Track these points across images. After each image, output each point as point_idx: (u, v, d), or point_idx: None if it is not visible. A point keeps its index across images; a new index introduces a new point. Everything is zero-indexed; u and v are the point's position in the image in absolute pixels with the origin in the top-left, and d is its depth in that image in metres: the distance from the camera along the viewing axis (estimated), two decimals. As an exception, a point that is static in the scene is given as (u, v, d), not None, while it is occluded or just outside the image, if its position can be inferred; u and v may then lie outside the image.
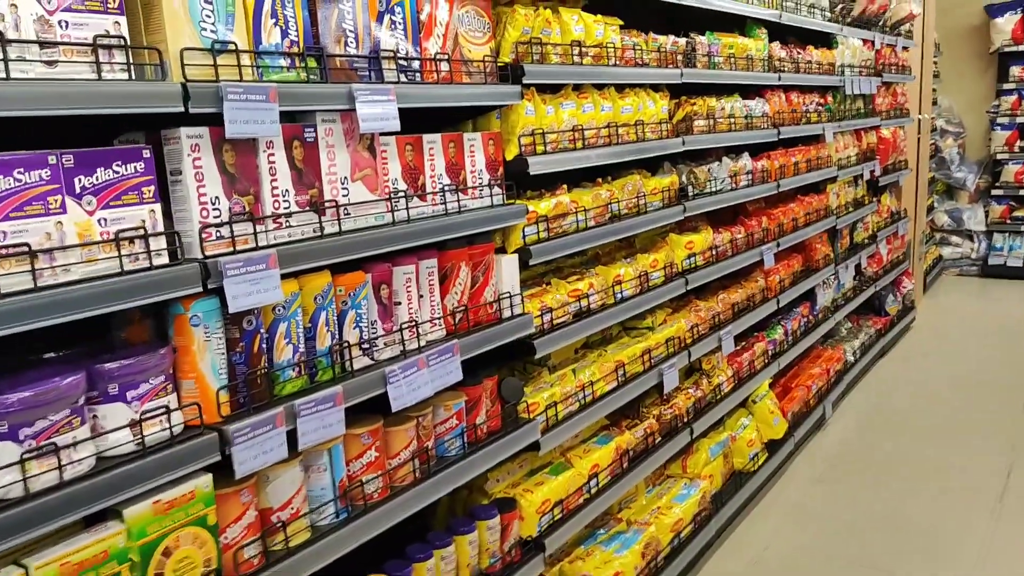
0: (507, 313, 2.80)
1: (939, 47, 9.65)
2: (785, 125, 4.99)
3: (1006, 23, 9.46)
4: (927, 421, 5.53)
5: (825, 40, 5.77)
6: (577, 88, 3.26)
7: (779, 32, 5.09)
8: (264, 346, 2.02)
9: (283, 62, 2.04)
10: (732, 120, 4.37)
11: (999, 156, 9.70)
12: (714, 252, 4.20)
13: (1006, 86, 9.60)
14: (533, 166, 2.85)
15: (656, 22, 3.91)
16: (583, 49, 3.15)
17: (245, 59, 1.95)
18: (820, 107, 5.59)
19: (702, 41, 4.07)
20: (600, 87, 3.38)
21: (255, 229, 1.96)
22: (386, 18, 2.32)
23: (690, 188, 4.10)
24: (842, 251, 6.17)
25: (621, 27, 3.49)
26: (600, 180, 3.47)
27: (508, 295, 2.80)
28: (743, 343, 4.80)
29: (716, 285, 4.54)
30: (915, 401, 5.93)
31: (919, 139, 8.29)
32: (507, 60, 2.82)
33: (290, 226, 2.06)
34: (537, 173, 2.87)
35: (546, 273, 3.48)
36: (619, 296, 3.44)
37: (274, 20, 2.01)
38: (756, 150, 4.84)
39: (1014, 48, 9.46)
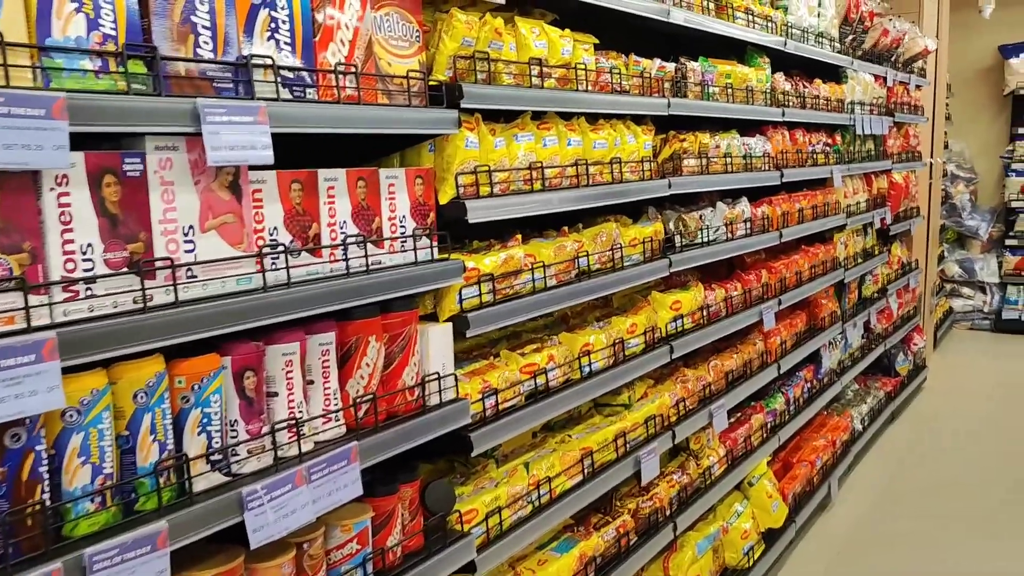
0: (434, 400, 2.19)
1: (950, 88, 9.14)
2: (789, 167, 4.41)
3: (1021, 64, 8.96)
4: (947, 500, 4.88)
5: (833, 74, 5.22)
6: (537, 117, 2.68)
7: (783, 62, 4.54)
8: (44, 469, 1.40)
9: (88, 64, 1.44)
10: (729, 160, 3.79)
11: (1014, 204, 9.15)
12: (705, 313, 3.59)
13: (1021, 130, 9.07)
14: (473, 212, 2.25)
15: (639, 45, 3.34)
16: (545, 69, 2.56)
17: (21, 57, 1.35)
18: (827, 148, 5.02)
19: (694, 67, 3.49)
20: (567, 117, 2.79)
21: (27, 302, 1.35)
22: (262, 13, 1.74)
23: (678, 238, 3.50)
24: (850, 307, 5.57)
25: (596, 47, 2.91)
26: (566, 229, 2.87)
27: (436, 376, 2.18)
28: (739, 414, 4.18)
29: (708, 348, 3.92)
30: (932, 475, 5.29)
31: (931, 185, 7.73)
32: (442, 78, 2.23)
33: (93, 296, 1.45)
34: (479, 221, 2.27)
35: (499, 340, 2.87)
36: (587, 370, 2.83)
37: (76, 4, 1.42)
38: (756, 194, 4.25)
39: (1030, 91, 8.95)
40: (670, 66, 3.33)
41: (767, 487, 4.13)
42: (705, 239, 3.61)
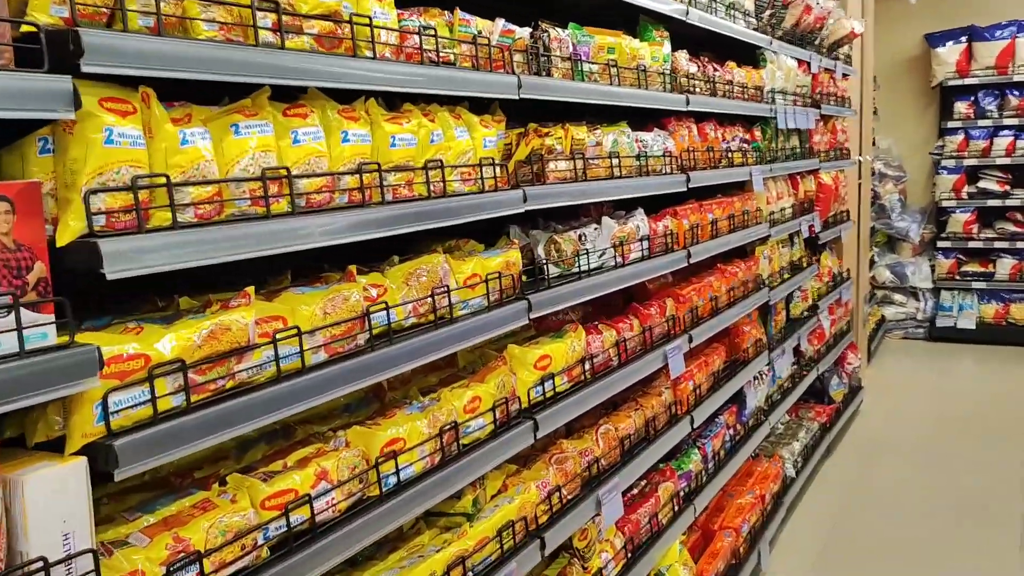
0: (41, 606, 1.20)
1: (875, 80, 8.49)
2: (698, 169, 3.54)
3: (949, 53, 8.35)
4: (900, 556, 4.07)
5: (749, 56, 4.39)
6: (289, 98, 1.71)
7: (685, 39, 3.67)
8: None
9: None
10: (617, 161, 2.88)
11: (945, 203, 8.53)
12: (588, 367, 2.67)
13: (951, 124, 8.46)
14: (116, 259, 1.26)
15: (488, 9, 2.41)
16: (288, 19, 1.60)
17: None
18: (745, 144, 4.18)
19: (560, 36, 2.57)
20: (348, 98, 1.83)
21: None
22: None
23: (551, 267, 2.58)
24: (777, 331, 4.74)
25: (413, 2, 1.97)
26: (353, 269, 1.90)
27: (42, 564, 1.19)
28: (643, 483, 3.28)
29: (602, 405, 3.01)
30: (879, 523, 4.48)
31: (860, 185, 7.03)
32: (46, 20, 1.25)
33: None
34: (128, 275, 1.29)
35: (257, 441, 1.89)
36: (393, 481, 1.87)
37: None
38: (656, 204, 3.37)
39: (959, 81, 8.33)
40: (523, 32, 2.41)
41: (681, 576, 3.24)
42: (586, 267, 2.69)
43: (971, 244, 8.44)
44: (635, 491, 3.22)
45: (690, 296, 3.48)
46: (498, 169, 2.25)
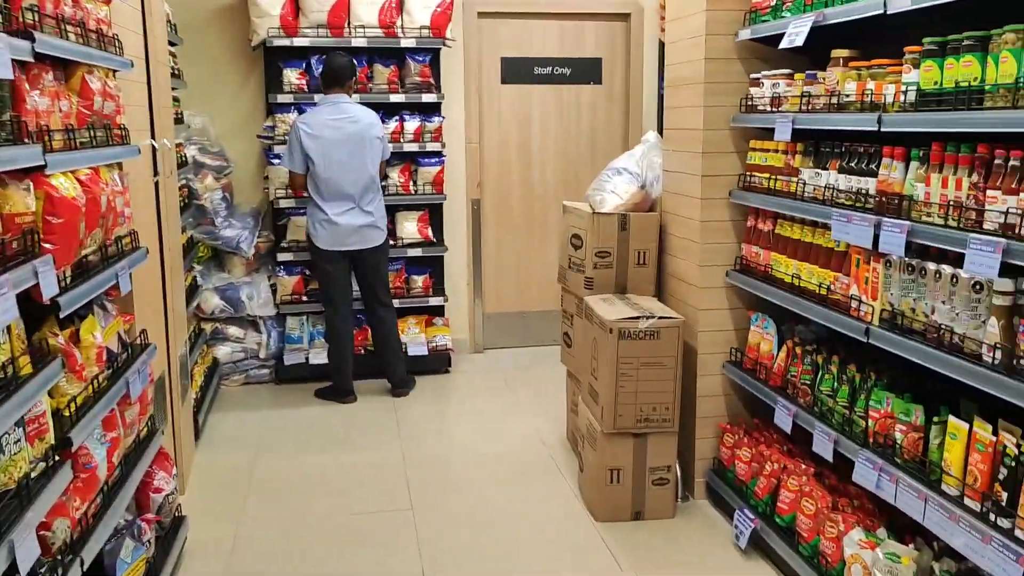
0: None
1: (175, 29, 5.95)
2: None
3: (272, 4, 6.21)
4: None
5: None
6: None
7: None
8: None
9: None
10: None
11: (282, 203, 6.45)
12: None
13: (281, 98, 6.36)
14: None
15: None
16: None
17: None
18: None
19: None
20: None
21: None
22: None
23: None
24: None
25: None
26: None
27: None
28: None
29: None
30: None
31: (158, 185, 4.41)
32: None
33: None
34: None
35: None
36: None
37: None
38: None
39: (286, 42, 6.26)
40: None
41: None
42: None
43: (318, 255, 6.51)
44: None
45: None
46: None
